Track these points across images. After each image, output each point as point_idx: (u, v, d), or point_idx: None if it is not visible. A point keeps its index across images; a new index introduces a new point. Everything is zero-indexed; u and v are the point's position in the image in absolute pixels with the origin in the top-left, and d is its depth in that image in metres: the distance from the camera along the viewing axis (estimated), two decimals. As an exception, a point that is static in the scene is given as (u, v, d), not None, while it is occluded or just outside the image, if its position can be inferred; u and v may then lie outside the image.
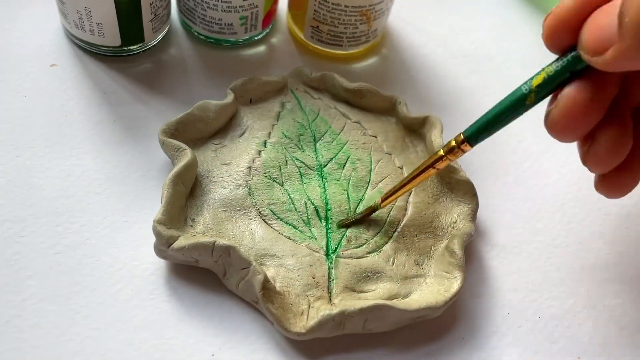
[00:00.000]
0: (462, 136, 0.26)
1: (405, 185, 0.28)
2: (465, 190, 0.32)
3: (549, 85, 0.23)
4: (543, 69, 0.24)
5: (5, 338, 0.26)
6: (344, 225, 0.30)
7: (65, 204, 0.30)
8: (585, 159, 0.25)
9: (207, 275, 0.29)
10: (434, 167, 0.27)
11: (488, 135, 0.25)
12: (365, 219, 0.30)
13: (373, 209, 0.30)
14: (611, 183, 0.26)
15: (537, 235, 0.33)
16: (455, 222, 0.31)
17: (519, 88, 0.24)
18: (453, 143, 0.26)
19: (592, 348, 0.29)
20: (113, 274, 0.28)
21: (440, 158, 0.27)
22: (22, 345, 0.26)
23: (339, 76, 0.35)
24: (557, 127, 0.24)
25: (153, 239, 0.28)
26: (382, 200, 0.29)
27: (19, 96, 0.33)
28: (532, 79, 0.24)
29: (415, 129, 0.34)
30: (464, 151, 0.26)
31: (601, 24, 0.21)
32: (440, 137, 0.32)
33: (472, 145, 0.26)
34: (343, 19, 0.35)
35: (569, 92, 0.23)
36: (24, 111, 0.33)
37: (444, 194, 0.32)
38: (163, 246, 0.27)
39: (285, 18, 0.39)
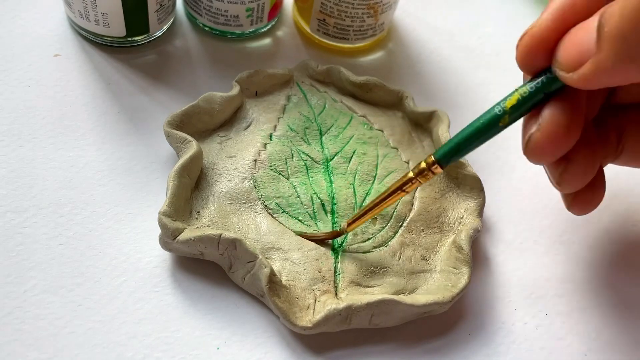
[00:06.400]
0: (432, 158, 0.25)
1: (372, 209, 0.27)
2: (472, 186, 0.31)
3: (523, 107, 0.23)
4: (516, 90, 0.23)
5: (7, 329, 0.26)
6: (304, 237, 0.29)
7: (68, 195, 0.30)
8: (561, 180, 0.25)
9: (212, 268, 0.28)
10: (403, 190, 0.26)
11: (460, 157, 0.25)
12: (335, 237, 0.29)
13: (338, 233, 0.28)
14: (585, 199, 0.27)
15: (544, 231, 0.33)
16: (462, 218, 0.31)
17: (492, 109, 0.23)
18: (423, 165, 0.25)
19: (599, 345, 0.29)
20: (117, 266, 0.28)
21: (410, 180, 0.26)
22: (24, 337, 0.26)
23: (345, 69, 0.34)
24: (540, 152, 0.23)
25: (157, 231, 0.28)
26: (348, 225, 0.28)
27: (22, 86, 0.33)
28: (505, 100, 0.23)
29: (422, 123, 0.34)
30: (434, 173, 0.25)
31: (578, 40, 0.21)
32: (447, 132, 0.32)
33: (443, 167, 0.25)
34: (350, 12, 0.35)
35: (551, 115, 0.23)
36: (27, 101, 0.32)
37: (450, 189, 0.32)
38: (168, 238, 0.27)
39: (291, 11, 0.39)
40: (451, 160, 0.25)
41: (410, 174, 0.26)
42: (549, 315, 0.30)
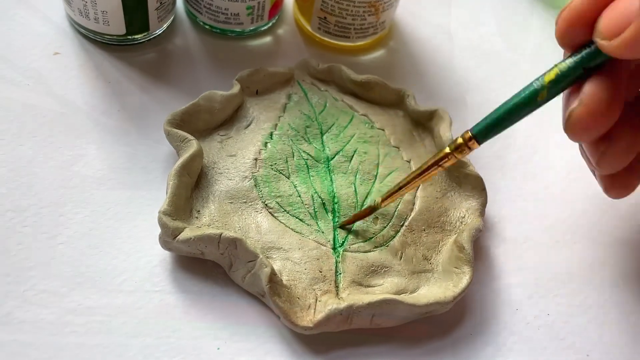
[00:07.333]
0: (469, 133, 0.25)
1: (408, 184, 0.27)
2: (474, 185, 0.31)
3: (562, 82, 0.23)
4: (556, 65, 0.23)
5: (6, 329, 0.26)
6: (344, 226, 0.29)
7: (68, 194, 0.30)
8: (602, 160, 0.24)
9: (213, 267, 0.28)
10: (440, 165, 0.26)
11: (497, 133, 0.24)
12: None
13: (373, 209, 0.29)
14: (623, 183, 0.26)
15: (546, 231, 0.32)
16: (463, 217, 0.31)
17: (531, 84, 0.23)
18: (460, 140, 0.25)
19: (601, 345, 0.29)
20: (117, 265, 0.28)
21: (446, 156, 0.26)
22: (24, 337, 0.26)
23: (346, 68, 0.34)
24: (580, 127, 0.23)
25: (157, 230, 0.28)
26: (383, 200, 0.28)
27: (22, 84, 0.33)
28: (544, 75, 0.23)
29: (423, 122, 0.34)
30: (471, 149, 0.25)
31: (620, 8, 0.21)
32: (448, 131, 0.32)
33: (480, 143, 0.25)
34: (351, 10, 0.35)
35: (592, 89, 0.22)
36: (26, 100, 0.32)
37: (452, 188, 0.32)
38: (168, 238, 0.27)
39: (292, 9, 0.39)
40: (488, 136, 0.24)
41: (447, 150, 0.25)
42: (551, 315, 0.30)
